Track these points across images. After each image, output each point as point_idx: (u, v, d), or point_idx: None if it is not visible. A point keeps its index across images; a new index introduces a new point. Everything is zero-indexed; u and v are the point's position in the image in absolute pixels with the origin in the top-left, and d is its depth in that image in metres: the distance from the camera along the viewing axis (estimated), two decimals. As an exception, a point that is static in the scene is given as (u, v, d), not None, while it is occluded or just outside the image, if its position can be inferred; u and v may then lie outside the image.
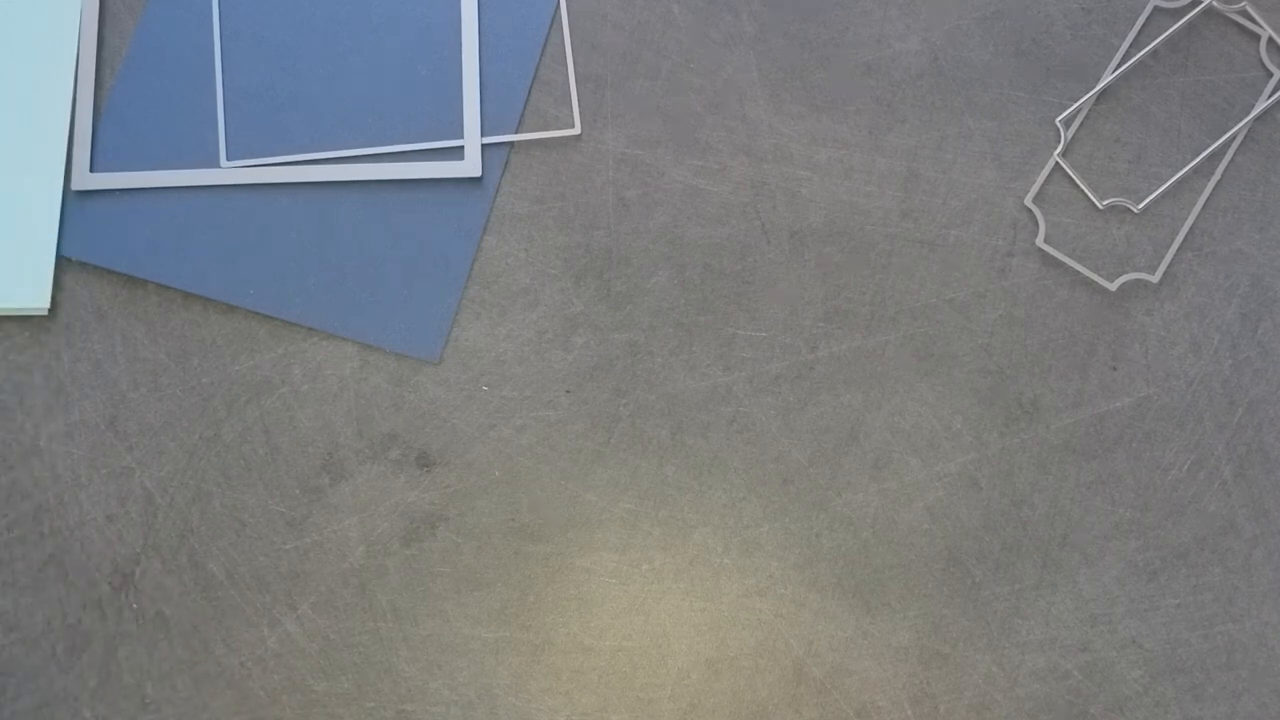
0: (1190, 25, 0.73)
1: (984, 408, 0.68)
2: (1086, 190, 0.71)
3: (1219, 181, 0.71)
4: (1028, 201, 0.70)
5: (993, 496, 0.67)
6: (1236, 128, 0.71)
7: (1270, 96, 0.72)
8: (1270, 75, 0.72)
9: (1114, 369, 0.69)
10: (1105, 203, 0.71)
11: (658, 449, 0.68)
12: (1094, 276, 0.69)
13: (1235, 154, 0.71)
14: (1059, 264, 0.70)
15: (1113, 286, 0.69)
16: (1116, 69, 0.72)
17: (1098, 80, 0.72)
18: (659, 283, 0.70)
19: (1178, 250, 0.70)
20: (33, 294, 0.68)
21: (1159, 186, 0.71)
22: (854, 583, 0.66)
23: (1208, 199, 0.71)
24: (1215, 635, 0.66)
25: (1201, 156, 0.71)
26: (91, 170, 0.70)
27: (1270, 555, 0.66)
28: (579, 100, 0.72)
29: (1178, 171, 0.71)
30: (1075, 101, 0.72)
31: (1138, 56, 0.72)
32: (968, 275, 0.70)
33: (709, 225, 0.70)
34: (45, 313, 0.69)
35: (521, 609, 0.66)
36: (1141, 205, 0.70)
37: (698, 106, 0.72)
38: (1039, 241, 0.70)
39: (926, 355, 0.69)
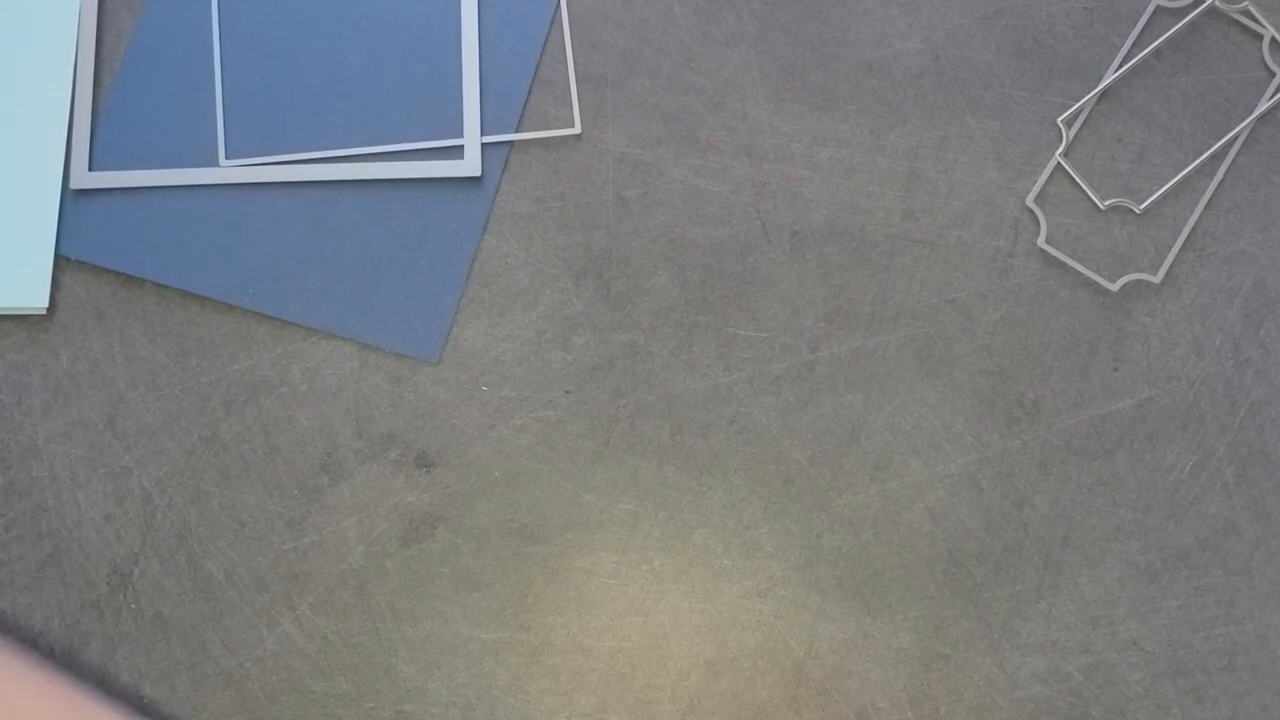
0: (1193, 25, 0.73)
1: (985, 408, 0.68)
2: (1088, 190, 0.71)
3: (1221, 182, 0.71)
4: (1029, 202, 0.70)
5: (994, 498, 0.67)
6: (1239, 128, 0.71)
7: (1273, 97, 0.71)
8: (1273, 75, 0.72)
9: (1115, 370, 0.68)
10: (1107, 203, 0.70)
11: (657, 449, 0.67)
12: (1095, 277, 0.69)
13: (1238, 154, 0.71)
14: (1060, 264, 0.70)
15: (1114, 287, 0.69)
16: (1119, 69, 0.72)
17: (1100, 80, 0.72)
18: (659, 283, 0.69)
19: (1180, 251, 0.70)
20: (31, 293, 0.68)
21: (1161, 187, 0.71)
22: (854, 584, 0.66)
23: (1210, 199, 0.71)
24: (1217, 637, 0.65)
25: (1204, 156, 0.71)
26: (90, 169, 0.70)
27: (1272, 557, 0.66)
28: (579, 99, 0.72)
29: (1180, 172, 0.71)
30: (1077, 101, 0.72)
31: (1140, 56, 0.72)
32: (969, 276, 0.69)
33: (709, 225, 0.70)
34: (43, 312, 0.68)
35: (520, 610, 0.66)
36: (1143, 205, 0.70)
37: (698, 106, 0.71)
38: (1040, 242, 0.70)
39: (927, 356, 0.69)
